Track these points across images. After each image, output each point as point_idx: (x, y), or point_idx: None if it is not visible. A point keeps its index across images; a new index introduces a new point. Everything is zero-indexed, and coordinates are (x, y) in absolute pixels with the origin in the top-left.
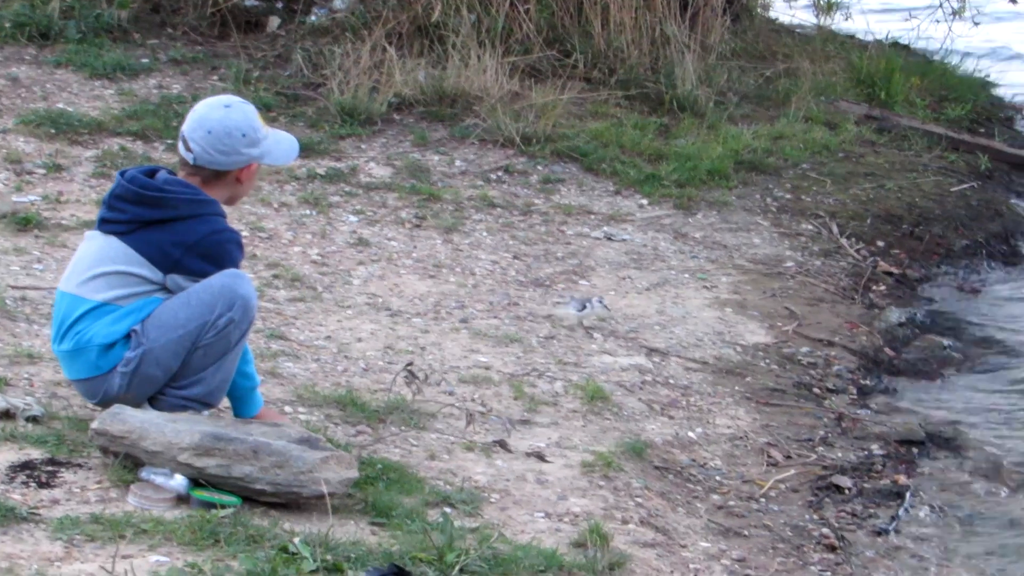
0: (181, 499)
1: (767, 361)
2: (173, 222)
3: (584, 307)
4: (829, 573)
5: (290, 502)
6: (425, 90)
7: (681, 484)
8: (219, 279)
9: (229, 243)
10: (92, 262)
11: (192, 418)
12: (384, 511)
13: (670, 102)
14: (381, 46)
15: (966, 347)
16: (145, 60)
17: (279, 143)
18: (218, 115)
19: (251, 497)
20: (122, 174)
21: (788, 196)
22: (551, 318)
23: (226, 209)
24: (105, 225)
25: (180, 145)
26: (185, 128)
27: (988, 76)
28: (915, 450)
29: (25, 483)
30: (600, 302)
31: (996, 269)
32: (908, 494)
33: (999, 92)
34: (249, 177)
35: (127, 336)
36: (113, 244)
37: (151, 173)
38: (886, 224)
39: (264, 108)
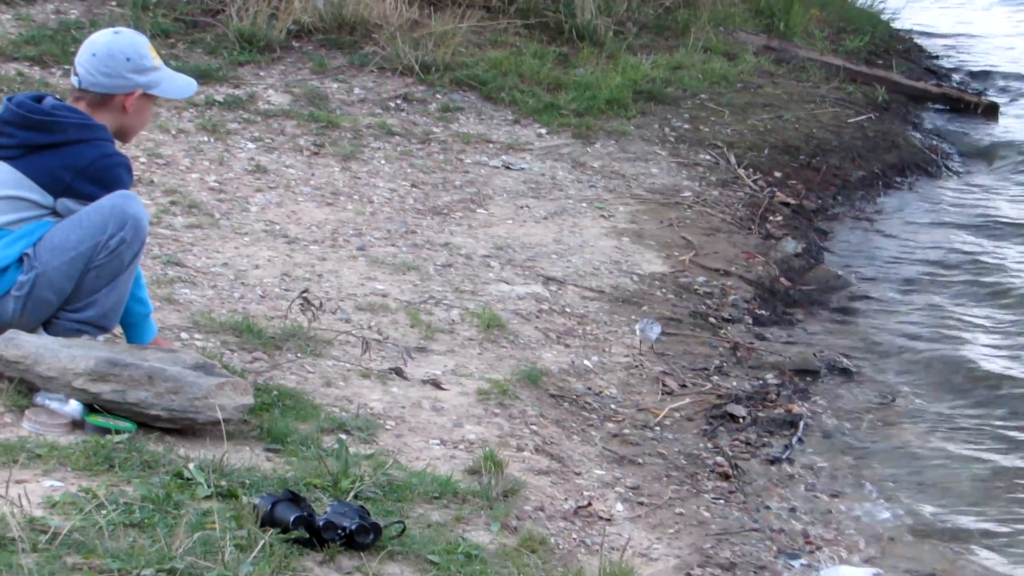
0: (76, 424)
1: (663, 290)
2: (62, 146)
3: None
4: (722, 501)
5: (185, 428)
6: (324, 17)
7: (576, 412)
8: (109, 200)
9: (118, 167)
10: None
11: (87, 343)
12: (279, 437)
13: (569, 31)
14: None
15: (861, 278)
16: None
17: (173, 79)
18: (104, 40)
19: (146, 423)
20: (10, 99)
21: (686, 126)
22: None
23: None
24: None
25: (72, 73)
26: (76, 56)
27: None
28: (809, 380)
29: None
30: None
31: (892, 199)
32: (802, 423)
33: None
34: (137, 108)
35: (19, 260)
36: (3, 169)
37: (39, 99)
38: (783, 155)
39: (162, 34)
